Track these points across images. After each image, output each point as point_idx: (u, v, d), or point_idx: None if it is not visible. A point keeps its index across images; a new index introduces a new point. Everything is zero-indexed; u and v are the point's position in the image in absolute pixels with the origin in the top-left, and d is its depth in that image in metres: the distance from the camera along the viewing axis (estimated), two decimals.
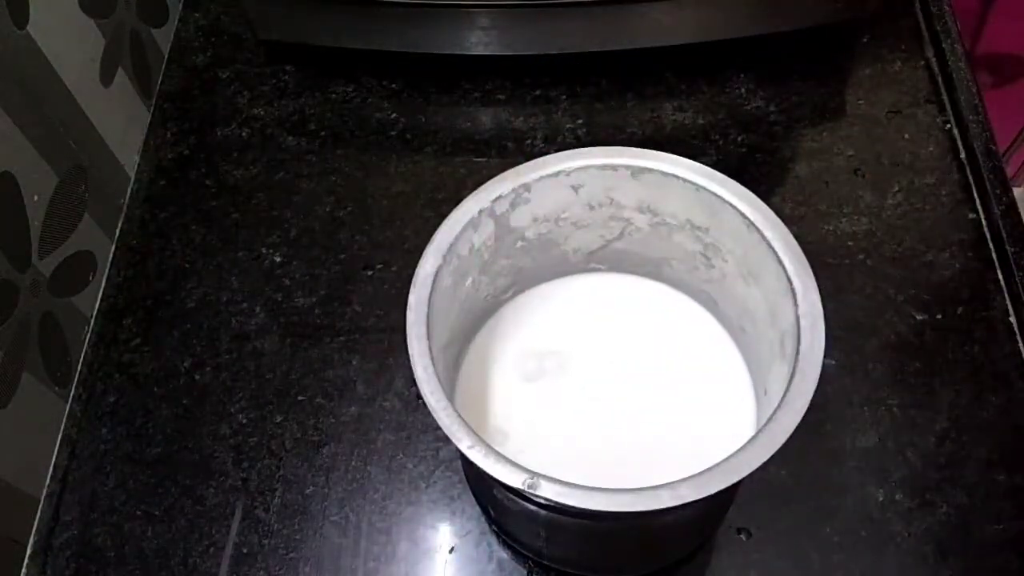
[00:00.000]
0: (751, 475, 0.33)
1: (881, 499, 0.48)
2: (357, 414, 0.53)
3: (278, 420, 0.53)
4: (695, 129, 0.63)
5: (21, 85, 0.49)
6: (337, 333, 0.55)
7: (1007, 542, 0.47)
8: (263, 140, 0.64)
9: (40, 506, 0.51)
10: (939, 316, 0.54)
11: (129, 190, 0.62)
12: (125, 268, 0.59)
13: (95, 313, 0.57)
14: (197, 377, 0.54)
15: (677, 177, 0.42)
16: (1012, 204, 0.58)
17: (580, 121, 0.64)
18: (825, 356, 0.36)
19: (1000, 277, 0.56)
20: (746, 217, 0.40)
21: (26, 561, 0.49)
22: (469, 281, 0.44)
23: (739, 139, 0.62)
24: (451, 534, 0.49)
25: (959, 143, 0.61)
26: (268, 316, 0.56)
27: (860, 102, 0.64)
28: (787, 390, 0.36)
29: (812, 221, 0.58)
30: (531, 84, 0.65)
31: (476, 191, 0.42)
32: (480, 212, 0.42)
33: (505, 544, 0.48)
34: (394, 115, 0.65)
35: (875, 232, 0.58)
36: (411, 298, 0.39)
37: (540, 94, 0.65)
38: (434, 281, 0.39)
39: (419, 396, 0.36)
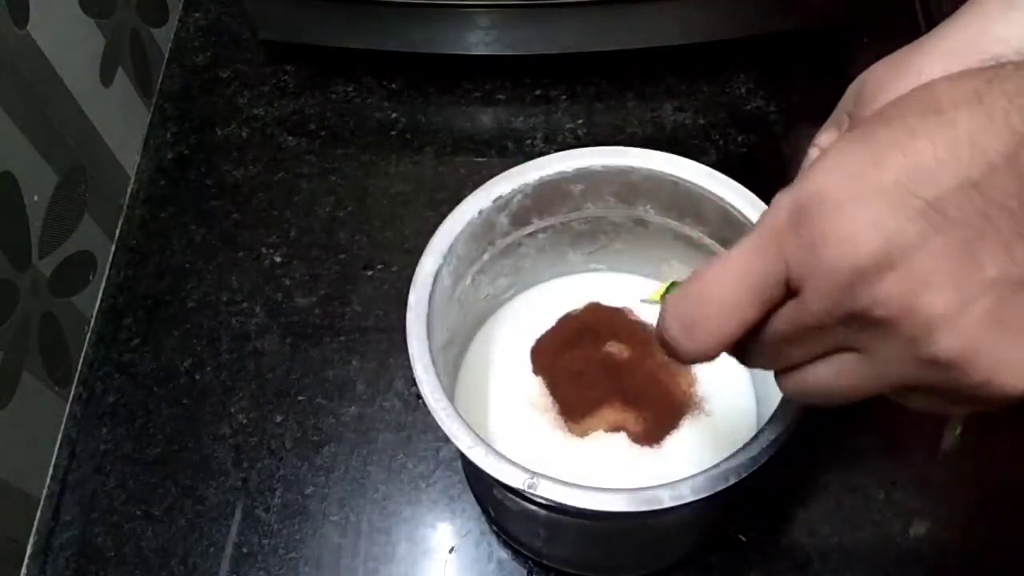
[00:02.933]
0: (751, 475, 0.33)
1: (881, 499, 0.48)
2: (357, 414, 0.52)
3: (278, 420, 0.53)
4: (695, 129, 0.63)
5: (21, 85, 0.49)
6: (337, 333, 0.55)
7: (1007, 542, 0.47)
8: (263, 140, 0.64)
9: (40, 506, 0.51)
10: None
11: (129, 190, 0.62)
12: (125, 268, 0.59)
13: (95, 313, 0.57)
14: (197, 377, 0.54)
15: (678, 177, 0.42)
16: None
17: (580, 121, 0.64)
18: None
19: None
20: (746, 217, 0.40)
21: (26, 561, 0.49)
22: (469, 281, 0.44)
23: (739, 139, 0.62)
24: (451, 534, 0.49)
25: None
26: (268, 316, 0.56)
27: None
28: None
29: None
30: (531, 84, 0.65)
31: (476, 191, 0.42)
32: (480, 212, 0.42)
33: (505, 544, 0.48)
34: (394, 115, 0.65)
35: None
36: (411, 298, 0.39)
37: (540, 94, 0.65)
38: (434, 281, 0.39)
39: (419, 396, 0.36)
